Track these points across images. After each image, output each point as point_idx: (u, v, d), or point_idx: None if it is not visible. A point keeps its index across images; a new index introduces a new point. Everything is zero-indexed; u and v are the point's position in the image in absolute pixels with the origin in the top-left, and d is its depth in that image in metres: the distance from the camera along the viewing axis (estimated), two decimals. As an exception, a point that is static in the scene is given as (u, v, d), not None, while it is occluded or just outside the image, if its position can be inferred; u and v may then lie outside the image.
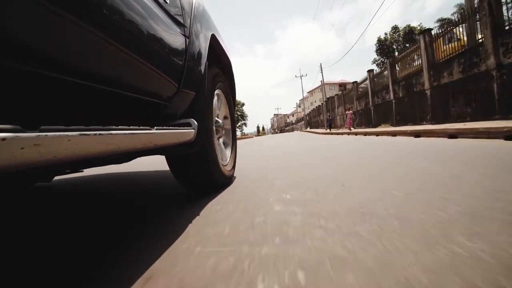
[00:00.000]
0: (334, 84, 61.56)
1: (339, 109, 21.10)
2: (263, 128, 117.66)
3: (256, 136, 54.61)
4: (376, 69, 15.72)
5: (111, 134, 0.50)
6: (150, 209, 1.27)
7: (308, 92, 70.65)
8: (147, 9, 0.77)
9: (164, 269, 0.62)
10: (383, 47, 32.11)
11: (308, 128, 40.18)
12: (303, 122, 50.21)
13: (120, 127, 0.54)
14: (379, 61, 32.45)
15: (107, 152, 0.52)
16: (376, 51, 32.98)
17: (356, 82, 17.07)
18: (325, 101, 24.31)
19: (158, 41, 0.85)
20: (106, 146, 0.49)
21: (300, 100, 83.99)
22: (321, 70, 24.34)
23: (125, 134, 0.54)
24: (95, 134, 0.46)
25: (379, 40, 32.52)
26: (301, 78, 43.72)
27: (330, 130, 16.85)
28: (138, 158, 1.79)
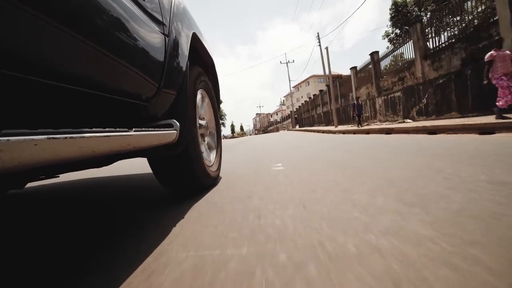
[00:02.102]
0: (323, 76, 53.64)
1: (360, 91, 13.10)
2: (241, 128, 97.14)
3: (230, 138, 41.54)
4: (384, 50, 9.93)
5: (84, 137, 0.47)
6: (128, 216, 1.23)
7: (294, 87, 64.49)
8: (122, 5, 0.74)
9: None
10: (401, 13, 20.08)
11: (297, 126, 32.50)
12: (289, 120, 42.62)
13: (93, 129, 0.51)
14: (393, 34, 21.37)
15: (80, 156, 0.49)
16: (391, 19, 21.19)
17: (420, 22, 8.36)
18: (332, 83, 15.59)
19: (135, 39, 0.82)
20: (78, 150, 0.47)
21: (284, 96, 74.23)
22: (319, 40, 17.84)
23: (99, 136, 0.52)
24: (66, 138, 0.43)
25: (395, 3, 20.61)
26: (287, 65, 35.89)
27: (360, 126, 9.42)
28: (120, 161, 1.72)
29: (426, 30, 8.38)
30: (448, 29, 7.72)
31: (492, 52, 4.38)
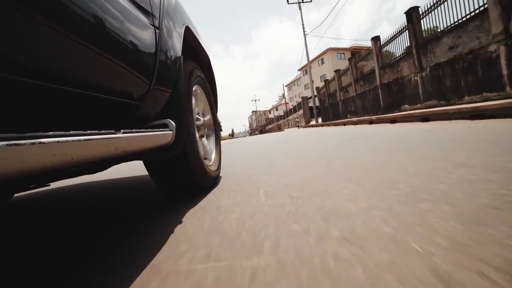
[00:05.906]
0: (343, 50, 39.94)
1: None
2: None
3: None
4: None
5: (58, 142, 0.39)
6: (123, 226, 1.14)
7: (299, 70, 48.09)
8: (104, -9, 0.65)
9: None
10: None
11: (320, 120, 18.44)
12: (301, 111, 28.03)
13: (71, 132, 0.43)
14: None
15: (56, 165, 0.41)
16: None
17: None
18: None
19: (122, 31, 0.73)
20: (52, 157, 0.39)
21: (286, 85, 53.87)
22: None
23: (79, 140, 0.43)
24: (33, 143, 0.35)
25: None
26: (299, 5, 20.11)
27: None
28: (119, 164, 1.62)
29: None
30: None
31: None
